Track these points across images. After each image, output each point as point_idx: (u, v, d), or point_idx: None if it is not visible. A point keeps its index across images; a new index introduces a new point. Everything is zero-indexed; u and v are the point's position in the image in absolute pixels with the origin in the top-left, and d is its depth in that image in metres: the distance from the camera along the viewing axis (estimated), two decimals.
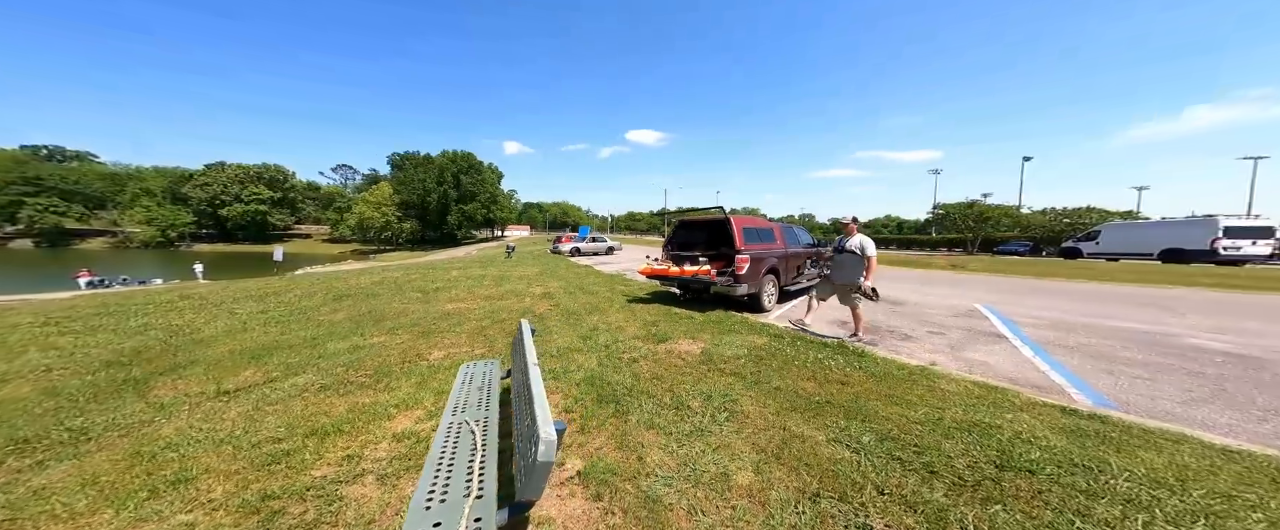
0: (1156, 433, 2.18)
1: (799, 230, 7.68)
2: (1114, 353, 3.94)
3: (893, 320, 5.63)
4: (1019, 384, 3.15)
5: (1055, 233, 29.23)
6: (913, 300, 7.20)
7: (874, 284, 4.57)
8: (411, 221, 55.98)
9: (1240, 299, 7.40)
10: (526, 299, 6.63)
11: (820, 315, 5.69)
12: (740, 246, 5.67)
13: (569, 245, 21.36)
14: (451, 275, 10.33)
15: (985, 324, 5.34)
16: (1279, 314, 5.90)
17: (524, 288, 7.94)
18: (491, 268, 12.10)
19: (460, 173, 56.55)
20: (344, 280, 9.78)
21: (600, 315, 5.35)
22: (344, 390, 3.13)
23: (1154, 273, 12.37)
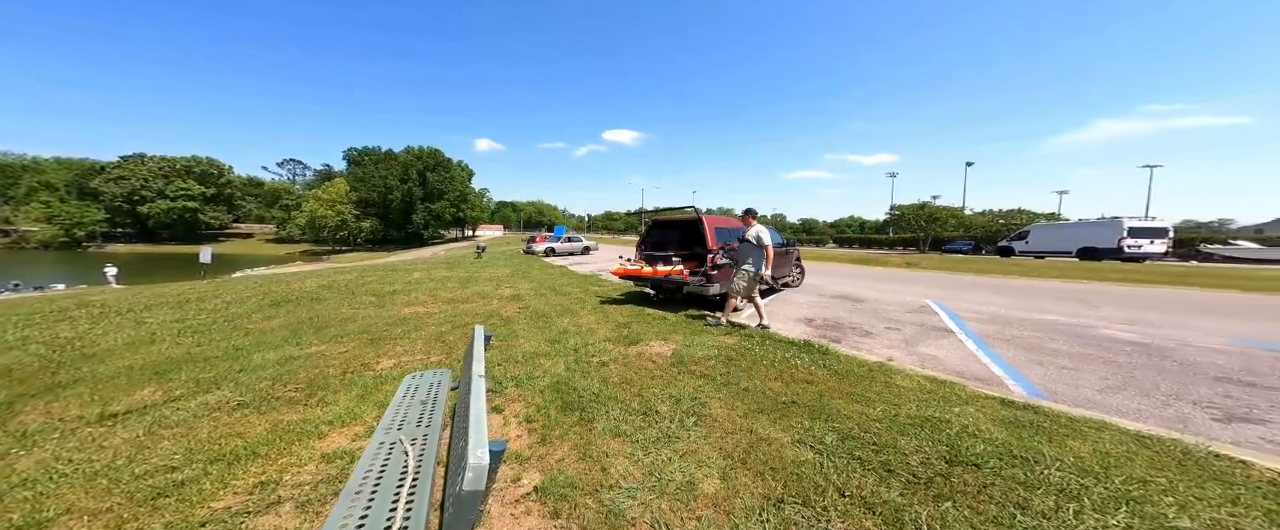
0: (1081, 421, 2.37)
1: (770, 229, 7.87)
2: (1043, 345, 4.31)
3: (854, 317, 5.88)
4: (965, 377, 3.36)
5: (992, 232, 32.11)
6: (872, 297, 7.58)
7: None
8: (371, 220, 52.57)
9: (1143, 292, 8.40)
10: (494, 301, 6.35)
11: (785, 313, 5.88)
12: (713, 246, 5.71)
13: (543, 245, 20.95)
14: (413, 277, 9.73)
15: (935, 319, 5.69)
16: (1176, 306, 6.74)
17: (492, 289, 7.61)
18: (458, 269, 11.53)
19: (427, 170, 53.80)
20: (286, 284, 8.93)
21: (571, 317, 5.20)
22: (267, 407, 2.82)
23: (1073, 269, 13.83)
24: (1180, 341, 4.34)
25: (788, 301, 7.18)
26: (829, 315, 6.05)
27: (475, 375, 1.44)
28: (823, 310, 6.37)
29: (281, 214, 56.71)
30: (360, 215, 51.26)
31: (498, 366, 3.56)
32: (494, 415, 2.75)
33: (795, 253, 8.77)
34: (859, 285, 9.34)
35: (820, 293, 8.15)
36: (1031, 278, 11.51)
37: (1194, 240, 20.88)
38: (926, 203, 28.75)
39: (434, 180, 53.89)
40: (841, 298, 7.57)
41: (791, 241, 8.54)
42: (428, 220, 53.75)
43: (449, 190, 55.37)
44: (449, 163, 57.83)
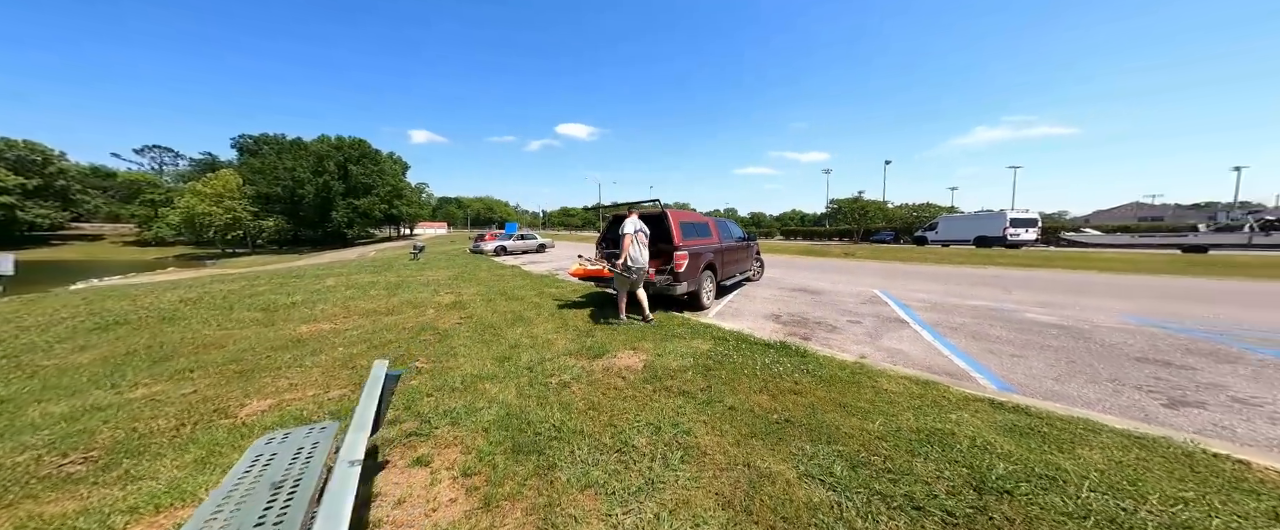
0: (1072, 422, 2.34)
1: (731, 224, 7.72)
2: (985, 331, 4.57)
3: (816, 311, 5.90)
4: (936, 372, 3.34)
5: (908, 223, 36.48)
6: (827, 289, 7.81)
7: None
8: (275, 218, 44.98)
9: (1036, 275, 9.74)
10: (429, 311, 5.35)
11: (752, 310, 5.73)
12: (678, 243, 5.32)
13: (493, 244, 19.58)
14: (324, 285, 8.11)
15: (887, 310, 5.91)
16: (1067, 288, 7.79)
17: (428, 296, 6.51)
18: (387, 273, 9.93)
19: (348, 161, 47.28)
20: (133, 298, 6.89)
21: (525, 327, 4.49)
22: (22, 491, 1.83)
23: (974, 255, 15.92)
24: (1089, 322, 4.88)
25: (752, 296, 7.09)
26: (793, 310, 6.01)
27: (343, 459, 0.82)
28: (786, 305, 6.35)
29: (145, 211, 46.11)
30: (260, 212, 43.46)
31: (428, 397, 2.82)
32: (417, 469, 2.07)
33: (755, 247, 8.78)
34: (813, 277, 9.67)
35: (780, 286, 8.25)
36: (947, 264, 12.95)
37: (1055, 229, 25.37)
38: (859, 197, 31.67)
39: (358, 173, 47.61)
40: (800, 290, 7.69)
41: (751, 236, 8.52)
42: (351, 218, 47.45)
43: (378, 184, 49.39)
44: (377, 154, 51.54)
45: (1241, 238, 16.59)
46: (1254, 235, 16.34)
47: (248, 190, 42.76)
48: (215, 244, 42.28)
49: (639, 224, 4.82)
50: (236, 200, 41.34)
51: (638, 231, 4.77)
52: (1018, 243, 20.94)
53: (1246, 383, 2.96)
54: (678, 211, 5.72)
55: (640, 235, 4.79)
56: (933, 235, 25.70)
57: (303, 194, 44.50)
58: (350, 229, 48.20)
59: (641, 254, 4.73)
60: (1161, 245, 18.39)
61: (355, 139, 49.89)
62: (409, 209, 55.92)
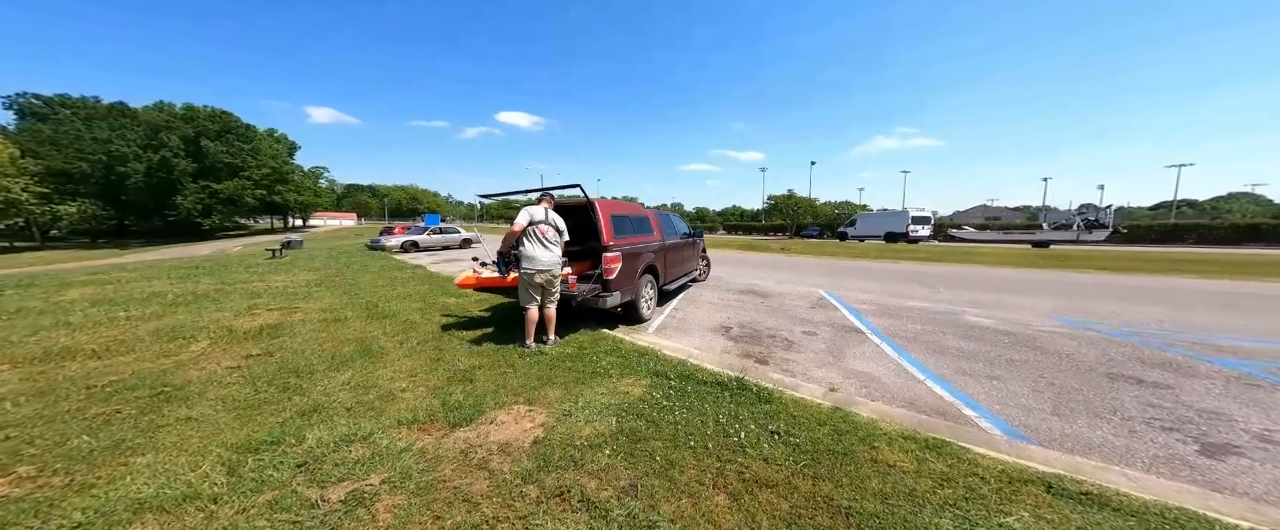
0: (1156, 508, 1.62)
1: (675, 218, 6.70)
2: (943, 342, 4.14)
3: (768, 319, 5.14)
4: (926, 411, 2.63)
5: (831, 220, 40.01)
6: (774, 290, 7.26)
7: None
8: (80, 203, 33.75)
9: (946, 271, 10.46)
10: (197, 344, 3.23)
11: (700, 320, 4.74)
12: (609, 241, 4.10)
13: (401, 238, 16.78)
14: (63, 298, 5.31)
15: (839, 315, 5.38)
16: (978, 284, 8.22)
17: (225, 318, 4.27)
18: (203, 279, 7.10)
19: (202, 136, 37.33)
20: None
21: (366, 366, 2.89)
22: None
23: (887, 250, 17.36)
24: (1027, 326, 4.77)
25: (698, 302, 6.17)
26: (744, 318, 5.20)
27: None
28: (736, 312, 5.53)
29: None
30: (53, 194, 32.08)
31: None
32: None
33: (701, 244, 7.93)
34: (758, 276, 9.20)
35: (727, 287, 7.51)
36: (869, 259, 13.70)
37: (942, 226, 29.43)
38: (794, 194, 33.64)
39: (218, 151, 38.09)
40: (748, 292, 7.02)
41: (697, 232, 7.63)
42: (208, 205, 37.79)
43: (250, 166, 40.03)
44: (249, 130, 41.89)
45: (1070, 235, 20.64)
46: (1080, 233, 20.43)
47: (30, 165, 31.27)
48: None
49: (541, 214, 3.52)
50: (10, 178, 29.87)
51: (535, 224, 3.47)
52: (917, 238, 23.75)
53: (1240, 407, 2.69)
54: (609, 202, 4.48)
55: (541, 229, 3.47)
56: (852, 231, 28.15)
57: (125, 173, 34.14)
58: (207, 218, 38.51)
59: (544, 253, 3.42)
60: (1017, 241, 22.15)
61: (214, 110, 39.98)
62: (298, 197, 46.67)
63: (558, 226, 3.57)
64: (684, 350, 3.92)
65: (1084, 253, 16.35)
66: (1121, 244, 21.61)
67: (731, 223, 63.51)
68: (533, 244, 3.46)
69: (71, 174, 33.14)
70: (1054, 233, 21.66)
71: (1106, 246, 19.51)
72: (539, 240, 3.46)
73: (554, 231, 3.55)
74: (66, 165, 32.79)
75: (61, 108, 36.81)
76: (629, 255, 4.45)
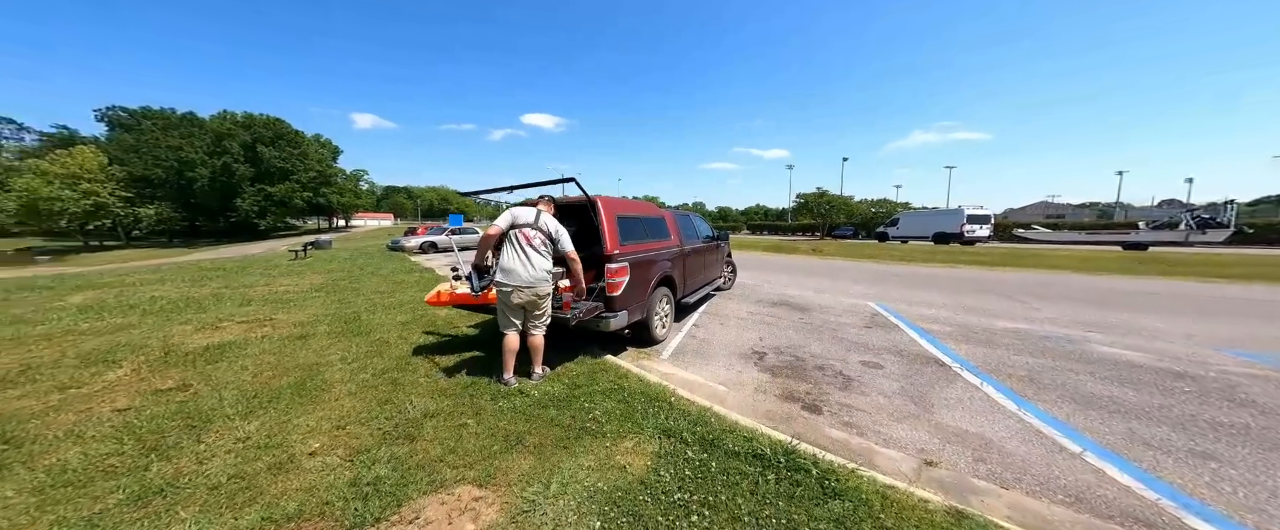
0: None
1: (696, 219, 5.80)
2: (1083, 388, 2.99)
3: (812, 342, 4.14)
4: (1101, 509, 1.61)
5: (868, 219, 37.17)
6: (813, 302, 6.17)
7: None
8: (158, 205, 37.31)
9: (1023, 279, 8.77)
10: (117, 371, 2.57)
11: (725, 343, 3.79)
12: (614, 249, 3.29)
13: (421, 239, 17.06)
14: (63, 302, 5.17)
15: (904, 338, 4.28)
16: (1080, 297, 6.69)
17: (185, 335, 3.71)
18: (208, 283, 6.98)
19: (258, 142, 40.29)
20: None
21: (287, 411, 2.21)
22: None
23: (938, 253, 15.43)
24: (1204, 364, 3.45)
25: (724, 316, 5.24)
26: (780, 340, 4.23)
27: None
28: (770, 331, 4.56)
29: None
30: (136, 198, 35.67)
31: None
32: None
33: (725, 248, 6.97)
34: (791, 283, 8.08)
35: (757, 298, 6.50)
36: (919, 263, 12.07)
37: (1006, 226, 26.32)
38: (825, 192, 31.42)
39: (272, 156, 40.86)
40: (781, 304, 5.98)
41: (722, 234, 6.67)
42: (263, 207, 40.66)
43: (299, 169, 42.78)
44: (298, 136, 44.75)
45: (1178, 235, 17.37)
46: (1191, 234, 17.12)
47: (117, 171, 34.87)
48: (73, 234, 34.24)
49: (529, 216, 2.77)
50: (100, 183, 33.42)
51: (518, 228, 2.72)
52: (973, 239, 21.21)
53: None
54: (615, 200, 3.67)
55: (526, 235, 2.72)
56: (893, 231, 25.77)
57: (194, 178, 37.36)
58: (263, 219, 41.44)
59: (523, 267, 2.67)
60: (1105, 242, 19.14)
61: (269, 117, 42.96)
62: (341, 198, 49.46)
63: (549, 233, 2.78)
64: (706, 385, 3.05)
65: (1197, 256, 13.73)
66: (1244, 245, 17.99)
67: (756, 222, 61.21)
68: (511, 253, 2.71)
69: (150, 179, 36.68)
70: (1154, 233, 18.31)
71: (1227, 249, 15.99)
72: (519, 249, 2.70)
73: (543, 239, 2.77)
74: (146, 171, 36.33)
75: (144, 119, 40.90)
76: (639, 265, 3.62)
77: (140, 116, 41.29)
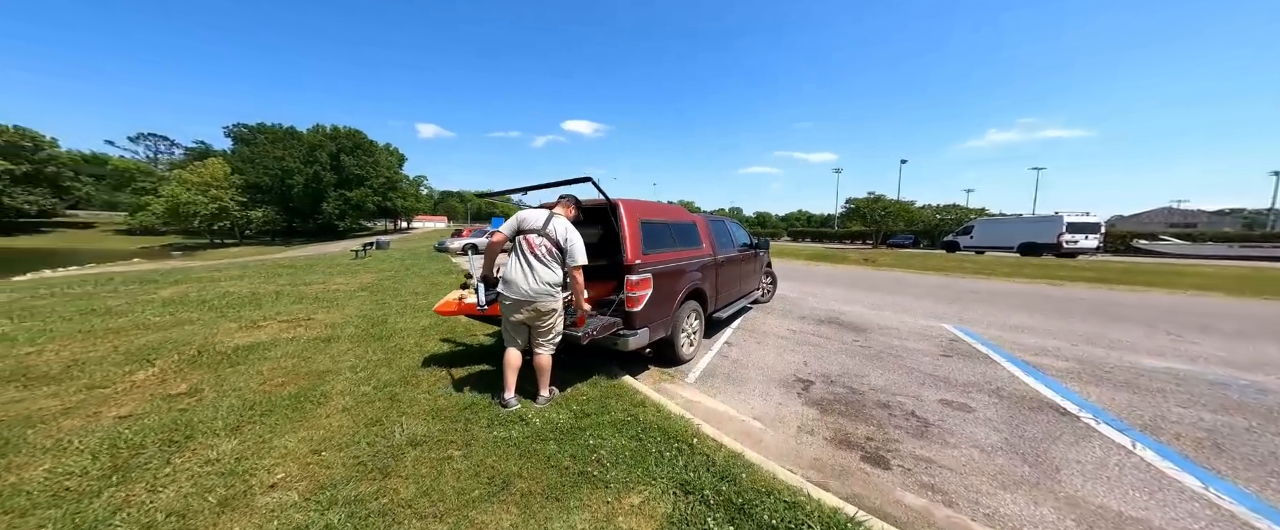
0: None
1: (732, 225, 5.25)
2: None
3: (872, 372, 3.43)
4: None
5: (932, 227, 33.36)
6: (871, 320, 5.31)
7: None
8: (265, 209, 43.47)
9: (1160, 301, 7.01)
10: (147, 371, 2.69)
11: (762, 366, 3.20)
12: (635, 258, 2.90)
13: (464, 241, 17.96)
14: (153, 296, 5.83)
15: (1001, 372, 3.42)
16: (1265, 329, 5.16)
17: (226, 333, 3.95)
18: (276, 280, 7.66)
19: (341, 152, 45.63)
20: None
21: (272, 428, 2.05)
22: None
23: (1025, 266, 13.11)
24: None
25: (761, 334, 4.64)
26: (830, 366, 3.57)
27: None
28: (817, 354, 3.89)
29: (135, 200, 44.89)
30: (249, 203, 42.00)
31: None
32: None
33: (764, 257, 6.31)
34: (842, 297, 7.17)
35: (800, 313, 5.76)
36: (1005, 279, 10.30)
37: (1123, 236, 22.13)
38: (880, 196, 28.73)
39: (351, 164, 45.94)
40: (831, 322, 5.22)
41: (762, 242, 6.02)
42: (343, 210, 45.79)
43: (372, 176, 47.71)
44: (372, 145, 49.91)
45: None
46: None
47: (237, 180, 41.35)
48: (203, 234, 40.97)
49: (537, 220, 2.45)
50: (223, 190, 39.86)
51: (524, 234, 2.42)
52: (1074, 251, 17.94)
53: None
54: (639, 203, 3.28)
55: (531, 242, 2.41)
56: (966, 241, 22.70)
57: (292, 184, 42.99)
58: (341, 221, 46.60)
59: (525, 278, 2.36)
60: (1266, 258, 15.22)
61: (350, 129, 48.34)
62: (404, 202, 54.35)
63: (560, 241, 2.43)
64: (737, 420, 2.55)
65: None
66: None
67: (797, 228, 57.68)
68: (513, 262, 2.41)
69: (260, 186, 42.84)
70: None
71: None
72: (522, 258, 2.39)
73: (550, 247, 2.42)
74: (257, 179, 42.49)
75: (258, 133, 47.99)
76: (665, 276, 3.19)
77: (255, 131, 48.46)
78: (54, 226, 46.00)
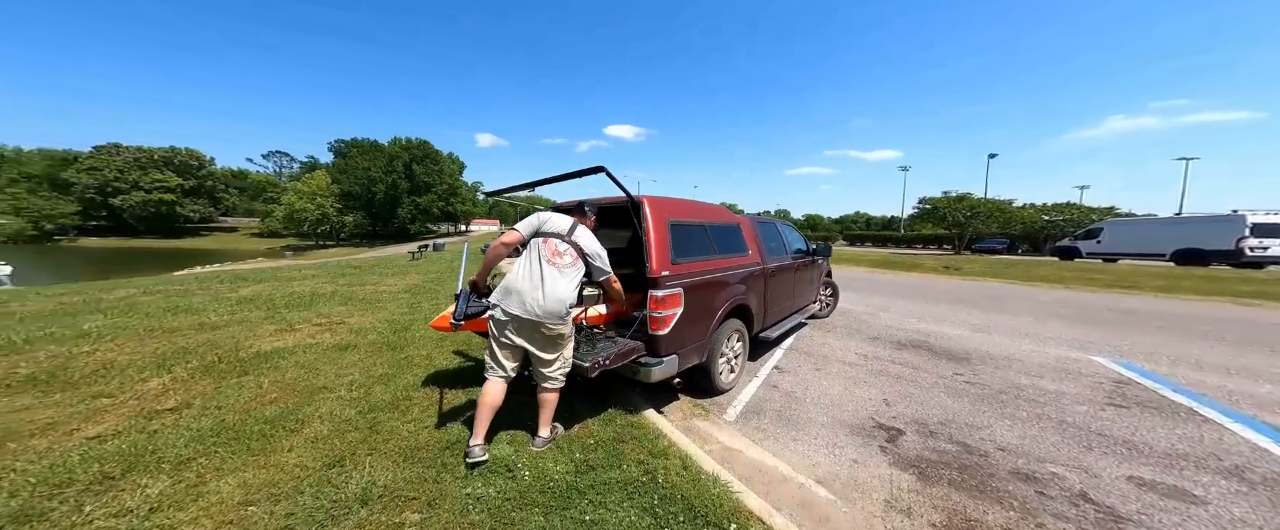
0: None
1: (784, 228, 4.39)
2: None
3: (994, 419, 2.46)
4: None
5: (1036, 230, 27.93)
6: (974, 345, 4.11)
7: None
8: (355, 214, 49.90)
9: None
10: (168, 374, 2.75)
11: (827, 403, 2.31)
12: (660, 269, 2.32)
13: None
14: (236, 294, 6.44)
15: (1232, 438, 2.25)
16: None
17: (263, 336, 4.11)
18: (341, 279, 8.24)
19: (413, 161, 50.93)
20: None
21: (225, 462, 1.76)
22: None
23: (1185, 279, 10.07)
24: None
25: (822, 357, 3.75)
26: (925, 411, 2.66)
27: None
28: (903, 392, 2.96)
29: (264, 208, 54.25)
30: (343, 209, 48.59)
31: None
32: None
33: (824, 265, 5.32)
34: (925, 314, 5.85)
35: (872, 332, 4.69)
36: (1171, 295, 7.88)
37: None
38: (965, 194, 24.70)
39: (421, 173, 50.97)
40: (917, 346, 4.12)
41: (821, 247, 5.03)
42: (414, 214, 50.93)
43: (437, 183, 52.50)
44: (438, 154, 54.92)
45: None
46: None
47: (334, 189, 48.09)
48: (310, 236, 48.26)
49: (562, 225, 2.04)
50: (324, 198, 46.67)
51: (543, 236, 2.01)
52: (1262, 260, 13.57)
53: None
54: (666, 201, 2.66)
55: (550, 248, 1.98)
56: (1090, 246, 18.47)
57: (375, 192, 48.71)
58: (412, 224, 51.76)
59: (534, 288, 1.89)
60: None
61: (420, 140, 53.60)
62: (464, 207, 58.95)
63: (584, 249, 2.01)
64: (793, 482, 1.86)
65: None
66: None
67: (854, 231, 52.27)
68: (522, 269, 1.95)
69: (351, 194, 49.33)
70: None
71: None
72: (536, 265, 1.93)
73: (575, 256, 1.99)
74: (349, 188, 48.95)
75: (352, 147, 55.37)
76: (700, 289, 2.55)
77: (350, 145, 55.93)
78: (210, 230, 56.95)
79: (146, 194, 47.93)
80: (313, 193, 46.46)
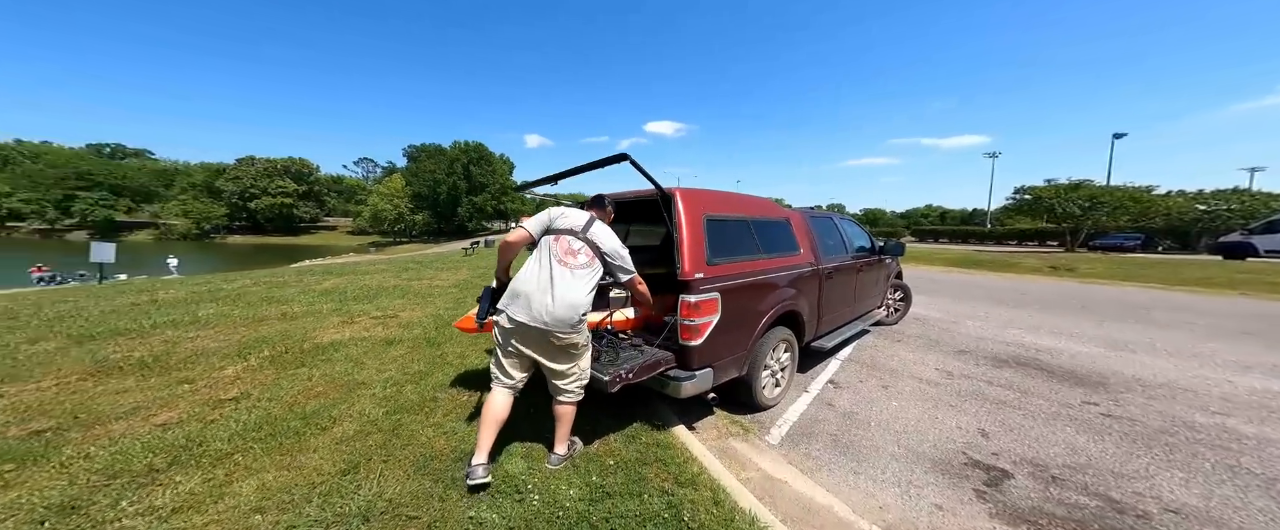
0: None
1: (841, 221, 3.75)
2: None
3: (1154, 467, 1.83)
4: None
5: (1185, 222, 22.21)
6: (1111, 369, 3.20)
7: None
8: (424, 213, 55.33)
9: None
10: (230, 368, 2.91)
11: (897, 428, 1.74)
12: (693, 270, 2.03)
13: None
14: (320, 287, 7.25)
15: None
16: None
17: (326, 327, 4.38)
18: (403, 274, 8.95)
19: (470, 163, 54.98)
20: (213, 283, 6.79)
21: (243, 466, 1.78)
22: None
23: None
24: None
25: (891, 372, 3.16)
26: (1041, 449, 2.07)
27: None
28: (1005, 423, 2.33)
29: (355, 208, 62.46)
30: (414, 209, 54.14)
31: None
32: None
33: (893, 266, 4.57)
34: (1027, 322, 4.80)
35: (957, 345, 3.89)
36: None
37: None
38: (1082, 182, 20.37)
39: (477, 173, 54.79)
40: (1021, 364, 3.31)
41: (890, 245, 4.27)
42: (471, 213, 55.03)
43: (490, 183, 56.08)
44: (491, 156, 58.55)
45: None
46: None
47: (407, 190, 53.71)
48: (390, 234, 54.70)
49: (578, 220, 1.85)
50: (400, 199, 52.43)
51: (555, 233, 1.82)
52: None
53: None
54: (701, 193, 2.31)
55: (563, 245, 1.79)
56: (1271, 242, 14.28)
57: (440, 192, 53.43)
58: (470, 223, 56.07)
59: (547, 292, 1.69)
60: None
61: (475, 143, 57.53)
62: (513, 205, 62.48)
63: (602, 248, 1.79)
64: (854, 524, 1.43)
65: None
66: None
67: (925, 226, 45.47)
68: (530, 270, 1.78)
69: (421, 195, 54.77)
70: None
71: None
72: (547, 264, 1.74)
73: (591, 256, 1.78)
74: (419, 189, 54.35)
75: (421, 151, 61.31)
76: (741, 293, 2.19)
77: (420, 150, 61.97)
78: (318, 229, 66.90)
79: (273, 198, 57.51)
80: (391, 194, 52.47)
